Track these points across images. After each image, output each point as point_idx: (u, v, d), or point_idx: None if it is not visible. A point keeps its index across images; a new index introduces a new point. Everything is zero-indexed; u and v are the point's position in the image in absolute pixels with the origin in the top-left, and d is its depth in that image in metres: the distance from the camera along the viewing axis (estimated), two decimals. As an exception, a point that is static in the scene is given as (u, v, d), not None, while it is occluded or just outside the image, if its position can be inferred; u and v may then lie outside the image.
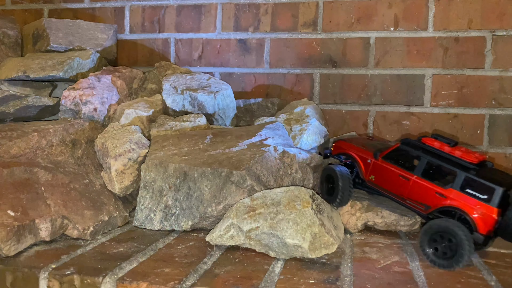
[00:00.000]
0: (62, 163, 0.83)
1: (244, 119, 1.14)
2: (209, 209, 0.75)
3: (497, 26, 1.08)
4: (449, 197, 0.67)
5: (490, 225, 0.64)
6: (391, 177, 0.75)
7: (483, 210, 0.64)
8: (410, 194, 0.72)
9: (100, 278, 0.58)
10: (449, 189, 0.67)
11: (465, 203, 0.65)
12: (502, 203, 0.64)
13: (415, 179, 0.71)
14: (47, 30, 1.14)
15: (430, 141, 0.73)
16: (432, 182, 0.70)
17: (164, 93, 1.02)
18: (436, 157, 0.70)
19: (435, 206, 0.69)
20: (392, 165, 0.75)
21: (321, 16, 1.17)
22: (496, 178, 0.65)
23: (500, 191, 0.63)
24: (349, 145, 0.84)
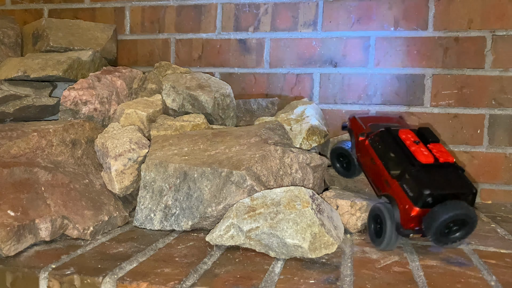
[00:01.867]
0: (62, 163, 0.83)
1: (244, 119, 1.14)
2: (209, 209, 0.75)
3: (497, 26, 1.08)
4: (392, 186, 0.72)
5: (409, 220, 0.67)
6: (367, 158, 0.80)
7: (407, 206, 0.68)
8: (373, 176, 0.78)
9: (100, 278, 0.58)
10: (394, 180, 0.71)
11: (398, 196, 0.70)
12: (425, 205, 0.66)
13: (378, 164, 0.76)
14: (47, 30, 1.14)
15: (402, 133, 0.76)
16: (387, 170, 0.74)
17: (164, 93, 1.02)
18: (396, 148, 0.74)
19: (383, 191, 0.75)
20: (370, 147, 0.79)
21: (321, 16, 1.17)
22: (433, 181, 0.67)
23: (425, 193, 0.65)
24: (356, 122, 0.87)
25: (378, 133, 0.79)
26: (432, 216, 0.65)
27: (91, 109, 0.98)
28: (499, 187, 1.10)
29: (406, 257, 0.69)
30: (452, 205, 0.65)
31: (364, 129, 0.84)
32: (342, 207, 0.81)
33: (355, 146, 0.85)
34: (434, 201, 0.66)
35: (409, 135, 0.75)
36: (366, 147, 0.81)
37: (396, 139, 0.75)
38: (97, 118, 0.99)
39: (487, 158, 1.11)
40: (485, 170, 1.11)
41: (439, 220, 0.64)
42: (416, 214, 0.67)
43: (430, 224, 0.65)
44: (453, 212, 0.64)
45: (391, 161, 0.74)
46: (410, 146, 0.73)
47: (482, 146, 1.11)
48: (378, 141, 0.78)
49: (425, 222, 0.66)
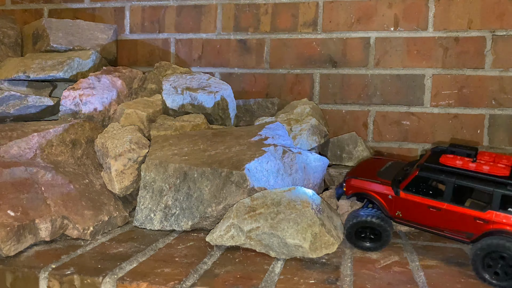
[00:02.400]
0: (62, 163, 0.83)
1: (244, 119, 1.14)
2: (209, 209, 0.75)
3: (497, 26, 1.08)
4: (491, 220, 0.61)
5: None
6: (420, 210, 0.67)
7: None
8: (446, 224, 0.65)
9: (100, 278, 0.58)
10: (489, 212, 0.61)
11: (510, 223, 0.59)
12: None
13: (446, 208, 0.64)
14: (47, 30, 1.14)
15: (450, 161, 0.65)
16: (465, 207, 0.63)
17: (164, 93, 1.02)
18: (463, 179, 0.63)
19: (478, 232, 0.62)
20: (416, 197, 0.67)
21: (321, 16, 1.17)
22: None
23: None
24: (362, 182, 0.74)
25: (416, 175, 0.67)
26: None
27: (91, 109, 0.98)
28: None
29: (406, 257, 0.69)
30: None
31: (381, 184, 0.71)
32: (342, 207, 0.81)
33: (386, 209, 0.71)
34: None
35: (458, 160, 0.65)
36: (409, 199, 0.67)
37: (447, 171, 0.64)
38: (97, 118, 0.99)
39: None
40: (485, 170, 1.11)
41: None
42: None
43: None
44: None
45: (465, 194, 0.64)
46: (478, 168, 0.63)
47: (482, 146, 1.11)
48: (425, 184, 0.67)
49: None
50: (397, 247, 0.73)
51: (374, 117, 1.16)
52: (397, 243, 0.75)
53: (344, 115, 1.17)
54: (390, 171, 0.75)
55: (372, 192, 0.72)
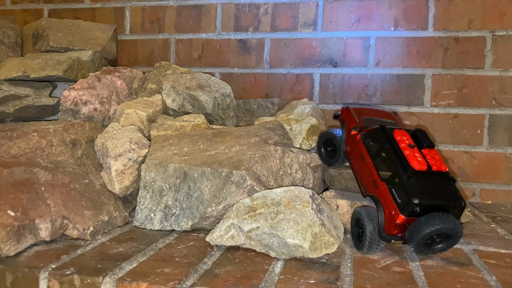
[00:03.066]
0: (62, 163, 0.83)
1: (244, 119, 1.14)
2: (209, 209, 0.75)
3: (497, 26, 1.08)
4: (379, 188, 0.69)
5: (392, 227, 0.65)
6: (356, 154, 0.77)
7: (392, 212, 0.65)
8: (361, 174, 0.75)
9: (100, 278, 0.58)
10: (382, 182, 0.68)
11: (385, 200, 0.67)
12: (412, 214, 0.64)
13: (368, 162, 0.73)
14: (47, 30, 1.14)
15: (397, 134, 0.72)
16: (376, 169, 0.70)
17: (164, 93, 1.02)
18: (387, 150, 0.70)
19: (369, 192, 0.72)
20: (362, 144, 0.75)
21: (321, 16, 1.17)
22: (424, 191, 0.65)
23: (413, 202, 0.63)
24: (349, 113, 0.83)
25: (372, 129, 0.76)
26: (418, 227, 0.63)
27: (91, 109, 0.98)
28: (499, 187, 1.10)
29: (406, 257, 0.69)
30: (439, 219, 0.63)
31: (357, 122, 0.81)
32: (342, 207, 0.81)
33: (345, 138, 0.82)
34: (422, 211, 0.64)
35: (405, 137, 0.72)
36: (357, 142, 0.77)
37: (390, 139, 0.72)
38: (97, 118, 0.99)
39: (487, 158, 1.11)
40: (485, 170, 1.11)
41: (424, 232, 0.62)
42: (402, 222, 0.64)
43: (415, 235, 0.63)
44: (440, 226, 0.62)
45: (382, 161, 0.71)
46: (404, 150, 0.69)
47: (482, 146, 1.11)
48: (371, 138, 0.75)
49: (409, 231, 0.64)
50: (397, 247, 0.73)
51: (374, 117, 1.16)
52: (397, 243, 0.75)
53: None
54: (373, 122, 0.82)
55: (346, 124, 0.82)
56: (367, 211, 0.69)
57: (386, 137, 0.73)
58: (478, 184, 1.12)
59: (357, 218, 0.72)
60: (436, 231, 0.62)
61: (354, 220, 0.73)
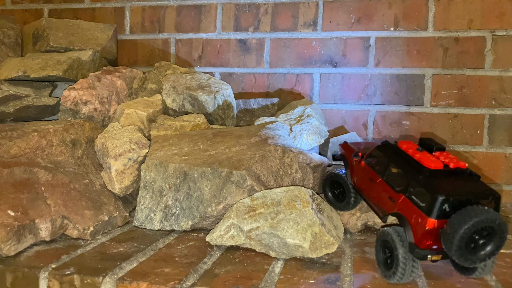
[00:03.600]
0: (62, 163, 0.83)
1: (244, 119, 1.14)
2: (209, 209, 0.75)
3: (497, 26, 1.08)
4: (397, 202, 0.61)
5: (424, 236, 0.56)
6: (365, 180, 0.70)
7: (419, 219, 0.57)
8: (374, 197, 0.67)
9: (100, 278, 0.58)
10: (400, 195, 0.61)
11: (408, 211, 0.59)
12: (442, 214, 0.55)
13: (379, 182, 0.66)
14: (47, 30, 1.14)
15: (403, 144, 0.67)
16: (388, 185, 0.64)
17: (164, 93, 1.02)
18: (398, 160, 0.64)
19: (388, 211, 0.63)
20: (367, 167, 0.70)
21: (321, 16, 1.17)
22: (446, 186, 0.57)
23: (439, 199, 0.54)
24: (348, 147, 0.79)
25: (374, 149, 0.70)
26: (452, 226, 0.53)
27: (91, 109, 0.98)
28: (499, 187, 1.10)
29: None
30: (475, 211, 0.53)
31: (357, 152, 0.75)
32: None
33: (350, 172, 0.75)
34: (451, 208, 0.55)
35: (410, 145, 0.66)
36: (363, 168, 0.71)
37: (396, 151, 0.66)
38: (97, 118, 0.99)
39: (487, 158, 1.11)
40: (485, 170, 1.11)
41: (461, 230, 0.52)
42: (433, 227, 0.55)
43: (451, 237, 0.53)
44: (478, 218, 0.52)
45: (393, 175, 0.64)
46: (414, 154, 0.63)
47: (482, 146, 1.11)
48: (376, 157, 0.69)
49: (444, 237, 0.54)
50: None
51: (374, 117, 1.16)
52: (397, 243, 0.75)
53: (344, 115, 1.17)
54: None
55: (347, 156, 0.77)
56: (396, 231, 0.60)
57: (392, 150, 0.67)
58: (478, 184, 1.12)
59: (383, 240, 0.62)
60: (476, 225, 0.52)
61: (380, 243, 0.63)
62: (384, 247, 0.62)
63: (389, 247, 0.61)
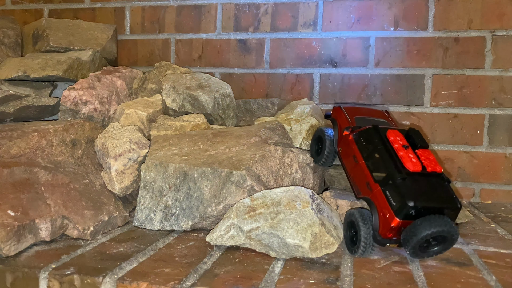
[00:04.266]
0: (62, 163, 0.83)
1: (244, 119, 1.14)
2: (209, 209, 0.75)
3: (497, 26, 1.08)
4: (373, 191, 0.67)
5: (387, 230, 0.64)
6: (349, 154, 0.75)
7: (387, 214, 0.64)
8: (354, 176, 0.73)
9: (100, 278, 0.58)
10: (376, 184, 0.67)
11: (379, 203, 0.66)
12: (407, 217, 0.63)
13: (361, 163, 0.71)
14: (47, 30, 1.14)
15: (391, 134, 0.71)
16: (370, 171, 0.69)
17: (164, 93, 1.02)
18: (381, 150, 0.69)
19: (363, 194, 0.70)
20: (354, 144, 0.74)
21: (321, 16, 1.17)
22: (419, 193, 0.64)
23: (408, 205, 0.62)
24: (341, 112, 0.82)
25: (364, 129, 0.74)
26: (413, 230, 0.62)
27: (91, 109, 0.98)
28: (499, 187, 1.10)
29: (406, 257, 0.69)
30: (435, 221, 0.61)
31: (349, 122, 0.79)
32: (342, 207, 0.81)
33: (337, 139, 0.80)
34: (417, 213, 0.63)
35: (398, 138, 0.71)
36: (350, 142, 0.75)
37: (383, 140, 0.71)
38: (97, 118, 0.99)
39: (487, 158, 1.11)
40: (485, 170, 1.11)
41: (420, 236, 0.61)
42: (397, 225, 0.64)
43: (410, 238, 0.62)
44: (436, 229, 0.61)
45: (376, 163, 0.69)
46: (399, 150, 0.68)
47: (482, 146, 1.11)
48: (364, 139, 0.73)
49: (404, 235, 0.63)
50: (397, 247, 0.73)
51: (374, 117, 1.16)
52: (397, 243, 0.75)
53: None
54: (366, 122, 0.81)
55: (338, 124, 0.81)
56: (361, 213, 0.68)
57: (379, 138, 0.71)
58: (478, 184, 1.12)
59: (350, 220, 0.70)
60: (432, 234, 0.62)
61: (347, 222, 0.71)
62: (350, 227, 0.70)
63: (354, 227, 0.69)
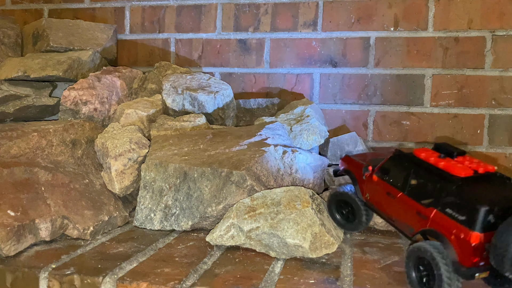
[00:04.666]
0: (62, 163, 0.83)
1: (244, 119, 1.14)
2: (209, 209, 0.75)
3: (497, 26, 1.08)
4: (429, 218, 0.56)
5: (470, 254, 0.51)
6: (381, 195, 0.64)
7: (461, 235, 0.51)
8: (397, 214, 0.62)
9: (100, 278, 0.58)
10: (430, 209, 0.56)
11: (444, 226, 0.54)
12: (486, 227, 0.50)
13: (400, 197, 0.61)
14: (47, 30, 1.14)
15: (419, 152, 0.61)
16: (413, 200, 0.58)
17: (164, 93, 1.02)
18: (419, 170, 0.59)
19: (417, 228, 0.58)
20: (381, 181, 0.64)
21: (321, 16, 1.17)
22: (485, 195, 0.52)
23: (482, 211, 0.50)
24: (351, 160, 0.73)
25: (387, 160, 0.65)
26: (502, 238, 0.48)
27: (91, 109, 0.98)
28: (499, 187, 1.10)
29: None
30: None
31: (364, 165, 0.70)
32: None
33: (359, 189, 0.70)
34: (497, 218, 0.50)
35: (429, 153, 0.60)
36: (377, 182, 0.65)
37: (414, 160, 0.61)
38: (97, 118, 0.99)
39: (487, 158, 1.11)
40: (485, 170, 1.11)
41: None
42: (478, 241, 0.50)
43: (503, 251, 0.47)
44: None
45: (418, 187, 0.59)
46: (437, 163, 0.58)
47: (482, 146, 1.11)
48: (391, 170, 0.63)
49: (493, 250, 0.48)
50: (397, 247, 0.73)
51: (374, 117, 1.16)
52: (397, 243, 0.75)
53: (344, 115, 1.17)
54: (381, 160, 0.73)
55: (354, 171, 0.71)
56: (435, 247, 0.54)
57: (408, 159, 0.62)
58: (478, 184, 1.11)
59: (418, 257, 0.56)
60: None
61: (413, 260, 0.57)
62: (419, 265, 0.56)
63: (425, 265, 0.55)
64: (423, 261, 0.55)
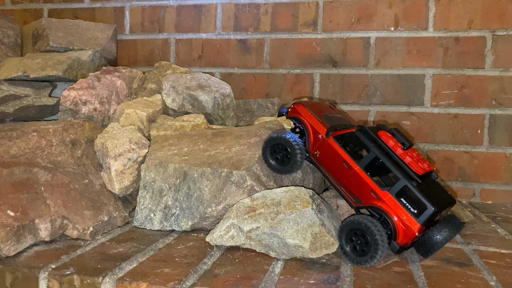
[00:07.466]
0: (62, 163, 0.83)
1: (244, 119, 1.14)
2: (209, 209, 0.75)
3: (497, 26, 1.08)
4: (382, 199, 0.66)
5: (409, 239, 0.64)
6: (335, 160, 0.71)
7: (408, 223, 0.63)
8: (347, 183, 0.70)
9: (100, 278, 0.58)
10: (385, 192, 0.65)
11: (394, 211, 0.64)
12: (428, 222, 0.63)
13: (356, 170, 0.68)
14: (47, 30, 1.14)
15: (386, 137, 0.69)
16: (371, 178, 0.67)
17: (164, 93, 1.02)
18: (385, 156, 0.67)
19: (366, 202, 0.67)
20: (340, 148, 0.71)
21: (321, 16, 1.17)
22: (432, 196, 0.64)
23: (431, 210, 0.62)
24: (306, 111, 0.78)
25: (351, 134, 0.71)
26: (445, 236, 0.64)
27: (91, 109, 0.98)
28: (499, 187, 1.10)
29: (406, 257, 0.69)
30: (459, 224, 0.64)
31: (320, 122, 0.75)
32: (342, 207, 0.81)
33: (309, 141, 0.76)
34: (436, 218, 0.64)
35: (391, 140, 0.68)
36: (334, 147, 0.71)
37: (378, 143, 0.68)
38: (97, 118, 0.99)
39: (487, 158, 1.11)
40: (485, 170, 1.11)
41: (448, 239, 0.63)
42: (419, 231, 0.63)
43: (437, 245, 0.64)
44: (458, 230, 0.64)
45: (378, 170, 0.67)
46: (403, 156, 0.67)
47: (482, 146, 1.11)
48: (354, 144, 0.71)
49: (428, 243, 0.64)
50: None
51: (374, 117, 1.16)
52: (397, 243, 0.75)
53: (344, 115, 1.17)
54: (334, 120, 0.79)
55: (308, 124, 0.76)
56: (371, 222, 0.64)
57: (373, 140, 0.69)
58: (478, 184, 1.12)
59: (357, 229, 0.65)
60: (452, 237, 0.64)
61: (349, 231, 0.66)
62: (353, 236, 0.66)
63: (361, 236, 0.65)
64: (360, 232, 0.65)
